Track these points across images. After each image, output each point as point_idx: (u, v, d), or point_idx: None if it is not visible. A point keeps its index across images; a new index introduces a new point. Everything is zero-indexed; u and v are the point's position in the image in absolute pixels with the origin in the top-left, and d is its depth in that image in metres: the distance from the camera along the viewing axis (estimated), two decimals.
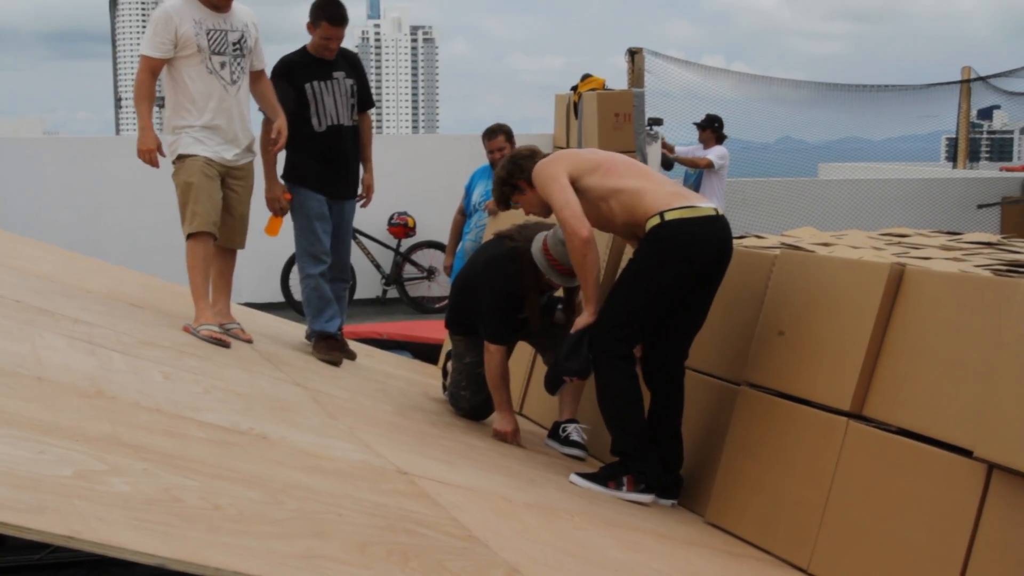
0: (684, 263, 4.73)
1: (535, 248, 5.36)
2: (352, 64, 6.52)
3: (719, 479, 4.79)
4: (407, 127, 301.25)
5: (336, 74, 6.35)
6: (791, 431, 4.50)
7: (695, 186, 11.33)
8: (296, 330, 7.34)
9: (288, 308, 11.23)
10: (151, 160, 5.80)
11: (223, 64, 5.81)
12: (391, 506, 3.39)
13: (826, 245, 5.46)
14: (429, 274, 12.66)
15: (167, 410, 3.81)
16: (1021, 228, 14.56)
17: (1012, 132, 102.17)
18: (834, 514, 4.19)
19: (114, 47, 25.43)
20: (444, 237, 9.29)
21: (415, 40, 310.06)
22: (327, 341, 6.37)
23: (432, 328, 8.70)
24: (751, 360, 4.79)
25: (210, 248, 5.81)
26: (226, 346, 5.57)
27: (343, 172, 6.40)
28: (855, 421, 4.23)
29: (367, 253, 12.44)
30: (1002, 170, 22.61)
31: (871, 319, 4.24)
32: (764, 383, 4.70)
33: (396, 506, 3.41)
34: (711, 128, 11.64)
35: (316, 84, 6.26)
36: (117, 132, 30.13)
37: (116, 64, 26.41)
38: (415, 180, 12.35)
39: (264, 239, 6.58)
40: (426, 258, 12.66)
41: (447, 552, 3.06)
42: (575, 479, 4.83)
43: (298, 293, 6.66)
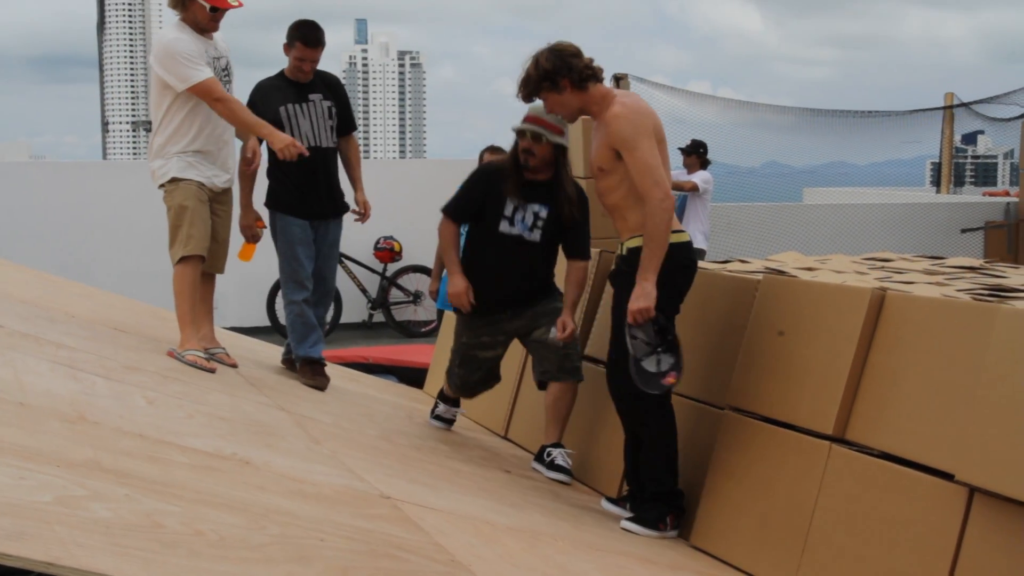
0: (683, 289, 4.79)
1: (525, 118, 5.38)
2: (331, 87, 6.49)
3: (703, 503, 4.79)
4: (394, 152, 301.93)
5: (312, 96, 6.34)
6: (775, 455, 4.51)
7: (679, 210, 11.38)
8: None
9: (274, 332, 11.21)
10: (298, 148, 5.78)
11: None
12: (374, 531, 3.39)
13: (810, 270, 5.48)
14: (415, 298, 12.66)
15: (150, 435, 3.81)
16: (1004, 252, 14.65)
17: (996, 157, 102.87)
18: (817, 537, 4.20)
19: (101, 71, 25.48)
20: (430, 262, 9.30)
21: (403, 65, 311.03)
22: (312, 366, 6.36)
23: (418, 352, 8.70)
24: (734, 384, 4.80)
25: (199, 273, 5.80)
26: (211, 371, 5.56)
27: (325, 192, 6.38)
28: (838, 445, 4.24)
29: (353, 277, 12.44)
30: (985, 195, 22.73)
31: (853, 344, 4.26)
32: (747, 407, 4.71)
33: (379, 531, 3.41)
34: (696, 153, 11.70)
35: (291, 107, 6.25)
36: (104, 156, 30.15)
37: (103, 88, 26.45)
38: (402, 205, 12.36)
39: (249, 265, 6.57)
40: (412, 282, 12.67)
41: None
42: (628, 525, 4.76)
43: (284, 317, 6.66)
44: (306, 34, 6.25)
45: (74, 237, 12.01)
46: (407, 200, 12.48)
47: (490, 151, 8.22)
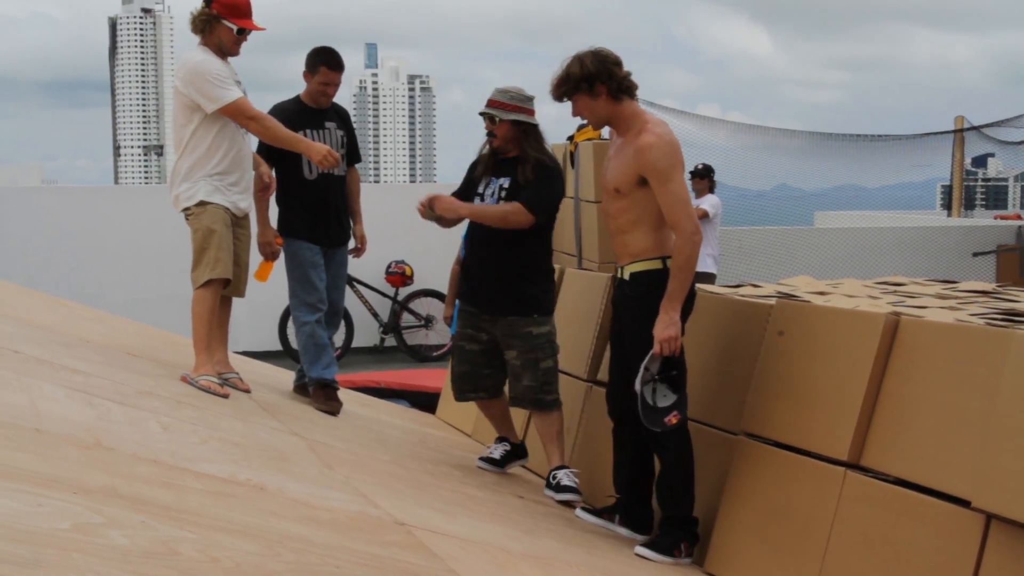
0: (687, 316, 4.80)
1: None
2: (342, 117, 6.58)
3: (717, 528, 4.78)
4: (404, 176, 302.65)
5: (328, 124, 6.41)
6: (789, 481, 4.49)
7: None
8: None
9: (286, 356, 11.22)
10: (335, 156, 5.83)
11: None
12: (389, 558, 3.38)
13: (822, 294, 5.48)
14: (427, 322, 12.67)
15: (165, 461, 3.81)
16: (1016, 276, 14.62)
17: (1007, 180, 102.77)
18: (832, 564, 4.18)
19: (113, 95, 25.64)
20: (442, 286, 9.32)
21: (412, 89, 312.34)
22: (325, 390, 6.37)
23: (430, 377, 8.70)
24: (748, 410, 4.79)
25: (219, 297, 5.80)
26: (224, 397, 5.57)
27: (334, 220, 6.44)
28: (853, 471, 4.23)
29: (365, 301, 12.46)
30: (997, 218, 22.71)
31: (867, 369, 4.25)
32: (762, 433, 4.70)
33: (393, 558, 3.40)
34: (708, 177, 11.73)
35: (309, 133, 6.30)
36: (116, 181, 30.29)
37: (115, 113, 26.58)
38: (413, 229, 12.30)
39: (261, 287, 6.58)
40: (424, 307, 12.68)
41: None
42: (642, 551, 4.75)
43: (296, 341, 6.68)
44: (329, 59, 6.36)
45: (85, 261, 12.06)
46: (418, 224, 12.39)
47: None
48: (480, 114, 5.68)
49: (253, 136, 6.07)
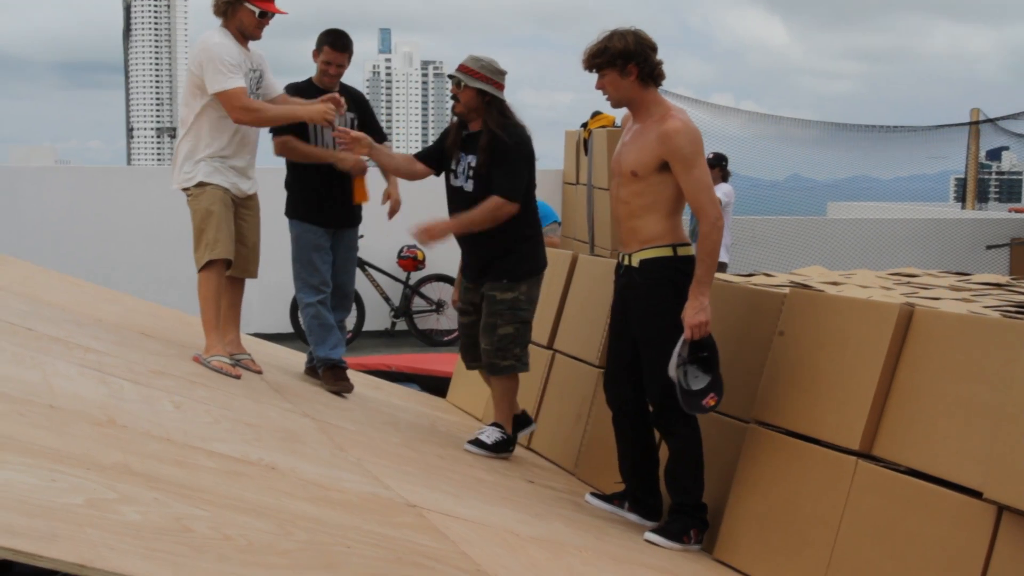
0: None
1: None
2: (356, 100, 6.55)
3: (727, 516, 4.78)
4: None
5: None
6: (800, 469, 4.49)
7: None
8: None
9: (297, 339, 11.23)
10: (330, 107, 5.85)
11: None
12: (400, 539, 3.40)
13: (835, 284, 5.47)
14: (438, 307, 12.67)
15: (178, 440, 3.82)
16: None
17: (1021, 173, 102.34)
18: (842, 553, 4.18)
19: (127, 77, 25.66)
20: (453, 271, 9.30)
21: (426, 75, 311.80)
22: (334, 371, 6.38)
23: (441, 361, 8.71)
24: (760, 398, 4.79)
25: (223, 278, 5.82)
26: (236, 377, 5.58)
27: (340, 202, 6.43)
28: (864, 460, 4.23)
29: (376, 285, 12.46)
30: (1011, 211, 22.62)
31: (880, 359, 4.24)
32: (773, 421, 4.70)
33: (405, 539, 3.41)
34: (719, 166, 11.69)
35: None
36: (129, 162, 30.33)
37: (129, 94, 26.61)
38: (425, 214, 12.38)
39: (269, 270, 6.53)
40: (435, 291, 12.69)
41: None
42: (652, 537, 4.76)
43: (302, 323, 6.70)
44: (333, 39, 6.37)
45: (98, 242, 12.08)
46: (430, 210, 12.44)
47: None
48: (448, 76, 5.79)
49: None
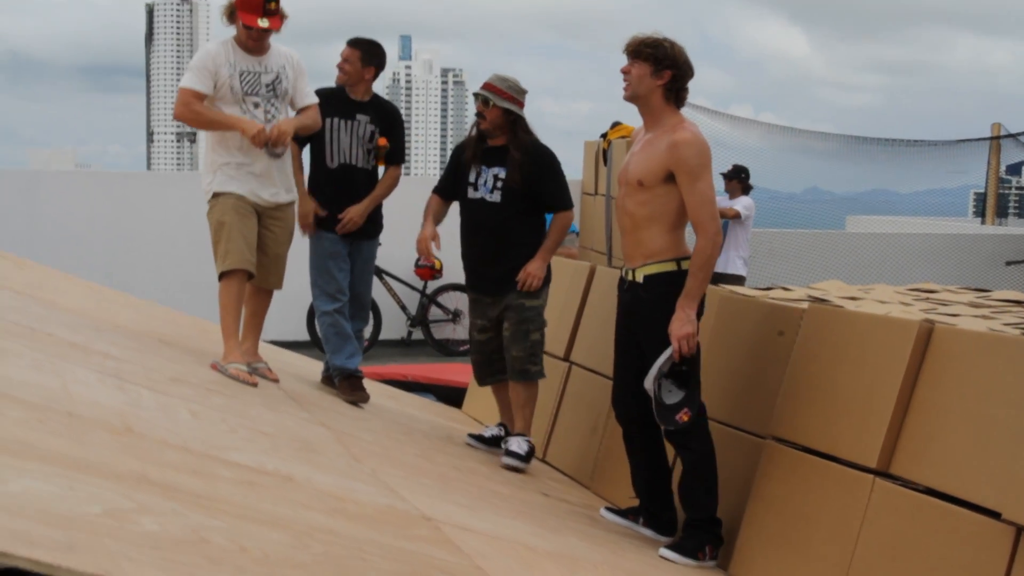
0: (699, 316, 4.80)
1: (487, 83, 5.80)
2: (385, 114, 6.54)
3: (743, 532, 4.76)
4: (435, 169, 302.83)
5: (360, 116, 6.41)
6: (817, 487, 4.47)
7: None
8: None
9: (313, 347, 11.26)
10: (265, 136, 5.77)
11: (257, 104, 5.87)
12: (415, 552, 3.39)
13: (853, 299, 5.46)
14: (455, 317, 12.68)
15: (195, 449, 3.83)
16: None
17: None
18: (858, 572, 4.16)
19: (148, 82, 25.83)
20: None
21: (445, 83, 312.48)
22: (351, 380, 6.39)
23: (456, 371, 8.71)
24: (777, 414, 4.77)
25: (243, 287, 5.84)
26: (253, 385, 5.59)
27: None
28: (881, 479, 4.21)
29: (393, 294, 12.48)
30: None
31: (899, 376, 4.22)
32: (790, 437, 4.68)
33: (420, 552, 3.41)
34: (738, 179, 11.65)
35: (336, 120, 6.34)
36: (148, 167, 30.45)
37: (150, 99, 26.77)
38: (443, 223, 12.40)
39: (286, 277, 6.48)
40: (452, 301, 12.69)
41: None
42: (667, 553, 4.73)
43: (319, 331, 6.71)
44: (352, 38, 6.50)
45: (118, 246, 12.13)
46: (448, 218, 12.48)
47: None
48: (474, 95, 5.88)
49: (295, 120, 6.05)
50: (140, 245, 12.21)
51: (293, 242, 6.23)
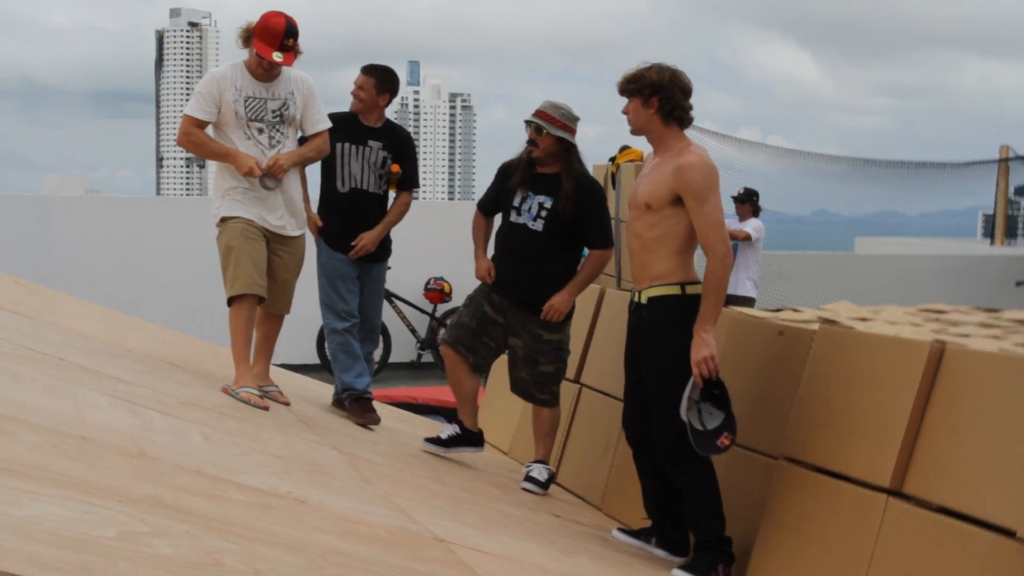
0: None
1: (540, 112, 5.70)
2: (395, 140, 6.54)
3: (756, 553, 4.74)
4: (444, 193, 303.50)
5: (372, 143, 6.42)
6: (829, 506, 4.46)
7: None
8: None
9: (323, 370, 11.27)
10: (259, 171, 5.79)
11: (261, 131, 5.88)
12: (428, 574, 3.39)
13: (863, 320, 5.45)
14: None
15: (208, 472, 3.84)
16: None
17: None
18: None
19: (158, 107, 25.93)
20: None
21: (454, 107, 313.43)
22: (361, 403, 6.39)
23: None
24: (789, 434, 4.77)
25: (253, 311, 5.85)
26: (264, 409, 5.60)
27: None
28: (895, 498, 4.19)
29: (403, 317, 12.50)
30: None
31: (911, 396, 4.22)
32: (803, 457, 4.67)
33: (433, 574, 3.41)
34: (749, 201, 11.68)
35: (347, 146, 6.36)
36: (158, 192, 30.58)
37: (159, 124, 26.88)
38: (451, 246, 12.43)
39: (296, 300, 6.49)
40: None
41: None
42: (679, 574, 4.71)
43: (327, 351, 6.73)
44: (367, 64, 6.52)
45: (128, 271, 12.19)
46: (457, 241, 12.48)
47: None
48: (526, 122, 5.74)
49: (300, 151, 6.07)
50: (150, 270, 12.26)
51: (304, 267, 6.25)
